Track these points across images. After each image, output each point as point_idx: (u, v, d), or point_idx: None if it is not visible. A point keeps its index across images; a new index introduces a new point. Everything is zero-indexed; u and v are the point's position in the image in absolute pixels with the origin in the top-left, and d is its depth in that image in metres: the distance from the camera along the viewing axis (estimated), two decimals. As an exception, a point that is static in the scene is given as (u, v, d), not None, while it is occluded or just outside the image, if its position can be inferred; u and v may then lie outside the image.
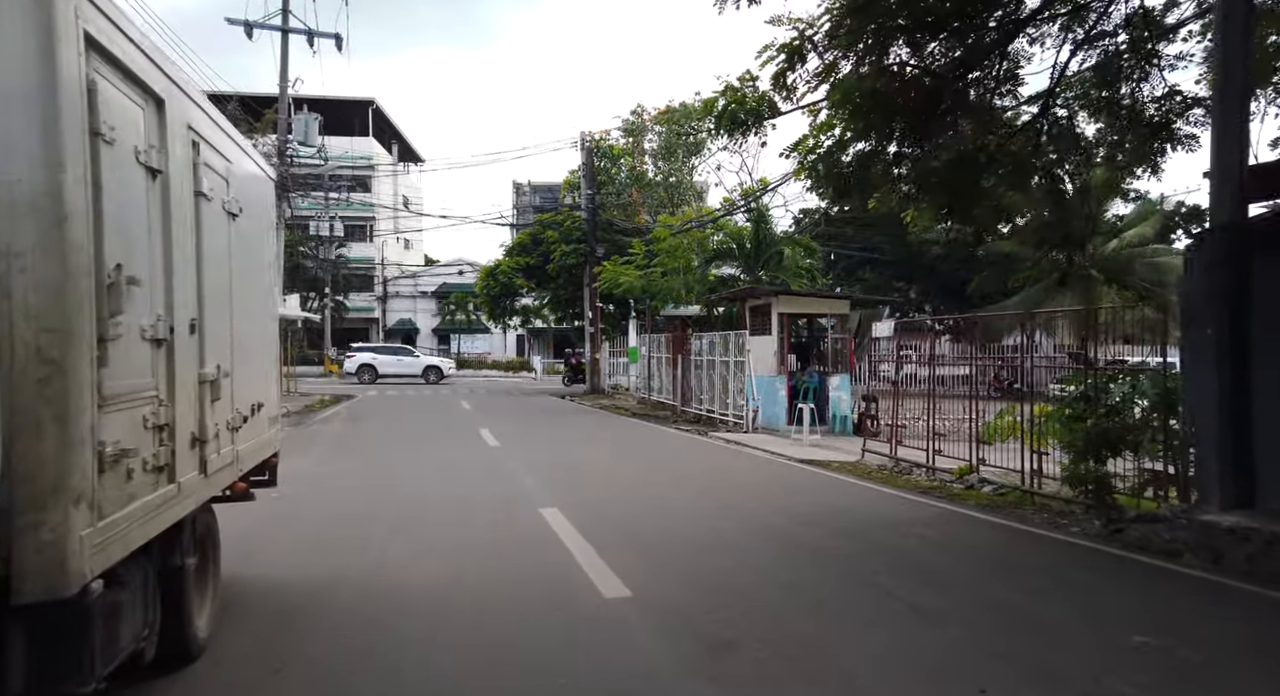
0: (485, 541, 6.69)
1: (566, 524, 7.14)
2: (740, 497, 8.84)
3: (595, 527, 6.99)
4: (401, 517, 7.59)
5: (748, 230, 21.10)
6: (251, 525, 6.54)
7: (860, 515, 7.89)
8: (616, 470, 11.11)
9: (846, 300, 17.07)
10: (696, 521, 7.52)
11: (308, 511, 7.81)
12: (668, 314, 22.77)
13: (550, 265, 31.12)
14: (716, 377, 18.57)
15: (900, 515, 7.91)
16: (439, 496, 8.67)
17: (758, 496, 8.96)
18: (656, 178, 28.86)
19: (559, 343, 57.46)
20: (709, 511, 8.07)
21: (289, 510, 7.56)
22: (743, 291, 17.83)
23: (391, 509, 8.03)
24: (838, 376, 17.11)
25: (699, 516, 7.77)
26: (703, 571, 5.76)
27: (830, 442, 14.59)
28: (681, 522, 7.43)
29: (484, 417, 19.37)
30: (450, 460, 11.66)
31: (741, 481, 10.18)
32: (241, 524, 5.95)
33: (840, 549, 6.53)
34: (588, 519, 7.35)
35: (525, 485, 9.44)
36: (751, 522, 7.43)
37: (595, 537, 6.59)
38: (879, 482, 10.02)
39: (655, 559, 6.09)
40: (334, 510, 7.95)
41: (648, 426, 18.36)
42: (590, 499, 8.51)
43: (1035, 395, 9.87)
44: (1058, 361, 13.12)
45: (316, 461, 11.21)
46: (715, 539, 6.81)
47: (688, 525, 7.35)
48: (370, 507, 8.08)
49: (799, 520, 7.54)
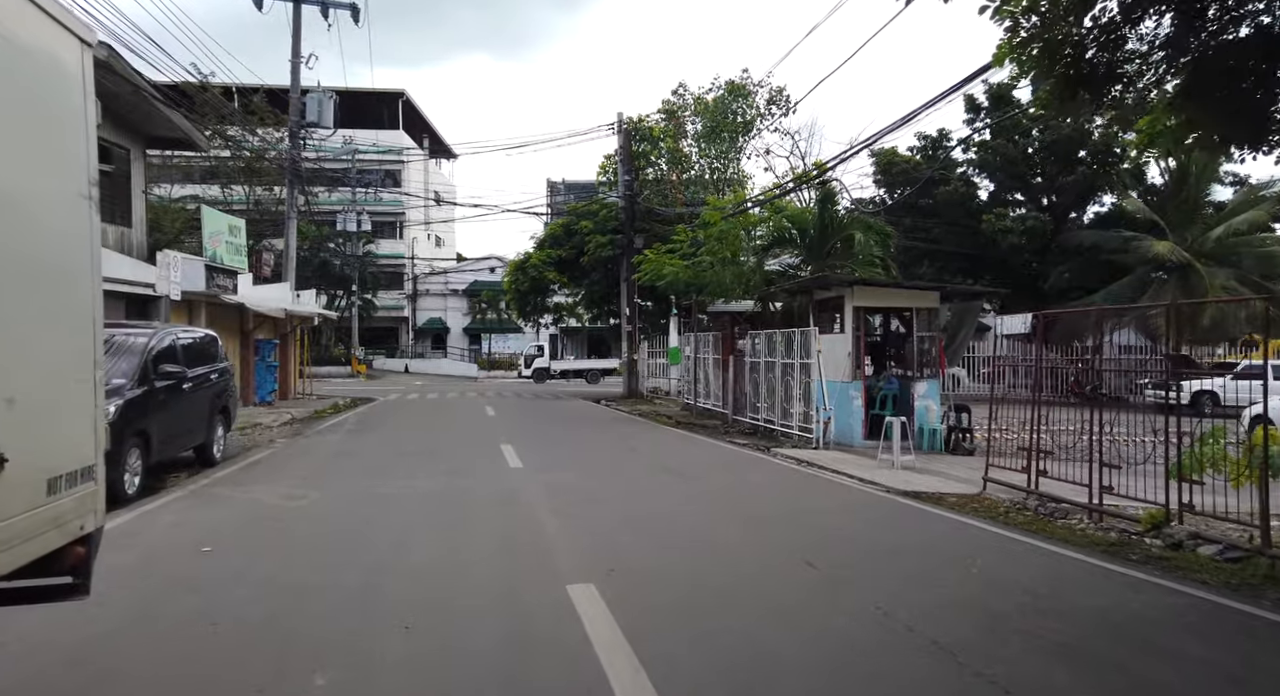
0: (472, 661, 4.15)
1: (606, 617, 4.59)
2: (854, 559, 6.20)
3: (650, 625, 4.45)
4: (345, 611, 4.78)
5: (810, 213, 18.39)
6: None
7: (1059, 602, 5.20)
8: (669, 508, 8.53)
9: (936, 291, 14.28)
10: (805, 614, 4.91)
11: (186, 610, 5.33)
12: (716, 310, 20.14)
13: (584, 258, 28.68)
14: (777, 383, 15.90)
15: (1118, 603, 5.18)
16: (419, 562, 5.95)
17: (871, 552, 6.33)
18: (701, 160, 26.18)
19: (593, 342, 55.07)
20: (817, 590, 5.45)
21: (136, 617, 5.08)
22: (810, 281, 15.14)
23: (338, 595, 5.07)
24: (924, 382, 14.36)
25: (807, 603, 5.15)
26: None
27: (925, 464, 11.87)
28: (782, 618, 4.83)
29: (508, 427, 16.93)
30: (456, 491, 9.19)
31: (840, 528, 7.53)
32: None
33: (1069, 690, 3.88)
34: (637, 607, 4.80)
35: (548, 536, 6.91)
36: (895, 619, 4.79)
37: (652, 649, 4.04)
38: (1029, 531, 7.30)
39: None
40: (240, 608, 4.80)
41: (697, 440, 15.75)
42: (638, 563, 5.94)
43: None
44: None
45: (282, 493, 8.81)
46: (848, 653, 4.21)
47: (792, 622, 4.75)
48: (306, 594, 5.10)
49: (962, 609, 4.89)
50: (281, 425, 16.90)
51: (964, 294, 14.63)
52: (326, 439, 14.71)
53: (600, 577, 5.40)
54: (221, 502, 8.34)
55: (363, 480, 9.90)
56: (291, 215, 24.14)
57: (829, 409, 13.87)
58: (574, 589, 5.14)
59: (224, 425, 11.76)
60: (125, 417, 8.45)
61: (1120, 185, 28.28)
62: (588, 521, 7.48)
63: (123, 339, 9.38)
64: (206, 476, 10.09)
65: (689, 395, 22.29)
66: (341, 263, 48.75)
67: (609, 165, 29.77)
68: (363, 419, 19.31)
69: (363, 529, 7.03)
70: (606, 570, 5.60)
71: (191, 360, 10.66)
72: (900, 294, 14.52)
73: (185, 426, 10.27)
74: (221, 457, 11.45)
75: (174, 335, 10.32)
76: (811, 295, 15.42)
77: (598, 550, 6.31)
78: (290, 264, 24.26)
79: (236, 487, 9.23)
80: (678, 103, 28.33)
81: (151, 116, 17.36)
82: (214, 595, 5.10)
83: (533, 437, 15.23)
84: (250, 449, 12.94)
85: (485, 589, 5.27)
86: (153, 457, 9.17)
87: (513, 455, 12.30)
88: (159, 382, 9.36)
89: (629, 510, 8.09)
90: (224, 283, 18.29)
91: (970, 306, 14.61)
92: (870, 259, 16.79)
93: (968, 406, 14.74)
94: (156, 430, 9.19)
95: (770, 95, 27.37)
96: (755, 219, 18.73)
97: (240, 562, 5.87)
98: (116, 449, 8.19)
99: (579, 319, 37.84)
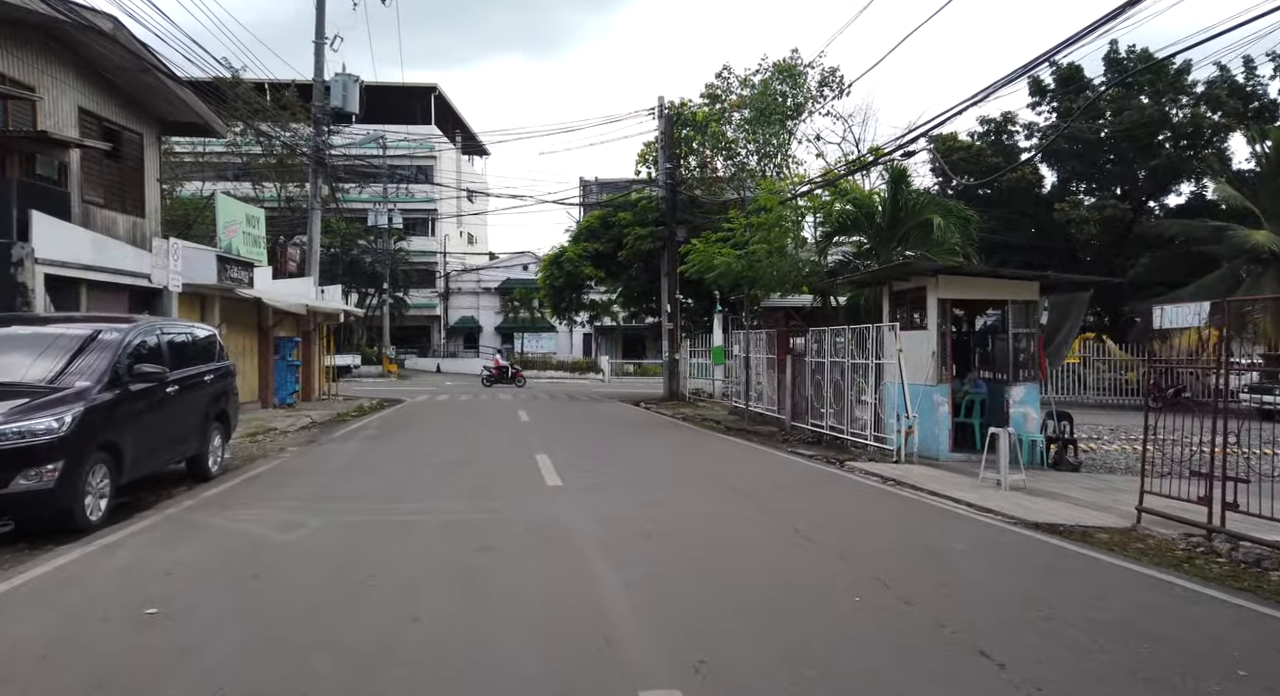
0: None
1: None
2: (1037, 645, 4.42)
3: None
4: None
5: (878, 196, 16.49)
6: None
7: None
8: (753, 548, 6.79)
9: (1036, 281, 12.35)
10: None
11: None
12: (770, 305, 18.33)
13: (623, 251, 27.04)
14: (845, 386, 14.09)
15: None
16: (431, 644, 4.30)
17: (1057, 635, 4.54)
18: (749, 144, 24.34)
19: (629, 341, 53.47)
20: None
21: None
22: (888, 270, 13.29)
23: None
24: (1020, 386, 12.44)
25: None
26: None
27: (1035, 483, 10.00)
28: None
29: (543, 434, 15.33)
30: (484, 521, 7.55)
31: (986, 585, 5.73)
32: None
33: None
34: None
35: (604, 595, 5.22)
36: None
37: None
38: (1250, 593, 5.45)
39: None
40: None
41: (756, 450, 13.99)
42: (736, 649, 4.21)
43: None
44: None
45: (275, 521, 7.25)
46: None
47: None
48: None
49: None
50: (298, 430, 15.48)
51: (1069, 284, 12.66)
52: (343, 447, 13.22)
53: (685, 677, 3.72)
54: (198, 534, 6.80)
55: (374, 503, 8.32)
56: (315, 205, 22.79)
57: (912, 416, 12.03)
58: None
59: (222, 433, 10.28)
60: (87, 427, 6.95)
61: (1210, 170, 25.84)
62: (654, 570, 5.77)
63: (90, 333, 7.92)
64: (194, 495, 8.59)
65: (737, 398, 20.51)
66: (372, 260, 47.68)
67: (648, 153, 28.09)
68: (387, 423, 17.85)
69: (364, 581, 5.41)
70: (692, 664, 3.90)
71: (181, 358, 9.18)
72: (993, 284, 12.62)
73: (171, 436, 8.78)
74: (219, 470, 9.98)
75: (157, 330, 8.84)
76: (888, 286, 13.57)
77: (674, 623, 4.61)
78: (314, 257, 22.92)
79: (223, 512, 7.71)
80: (722, 87, 26.52)
81: (166, 98, 16.08)
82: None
83: (571, 447, 13.60)
84: (255, 459, 11.47)
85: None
86: (124, 476, 7.67)
87: (549, 469, 10.67)
88: (135, 385, 7.87)
89: (704, 554, 6.34)
90: (238, 275, 16.93)
91: (1076, 298, 12.64)
92: (950, 247, 14.87)
93: (1069, 414, 12.81)
94: (130, 442, 7.69)
95: (822, 76, 25.45)
96: (817, 203, 16.87)
97: (189, 638, 4.28)
98: (72, 468, 6.70)
99: (613, 317, 36.20)
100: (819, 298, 16.65)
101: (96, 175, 14.64)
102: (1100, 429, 17.05)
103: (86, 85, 14.40)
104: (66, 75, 13.83)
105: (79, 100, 14.13)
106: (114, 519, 7.27)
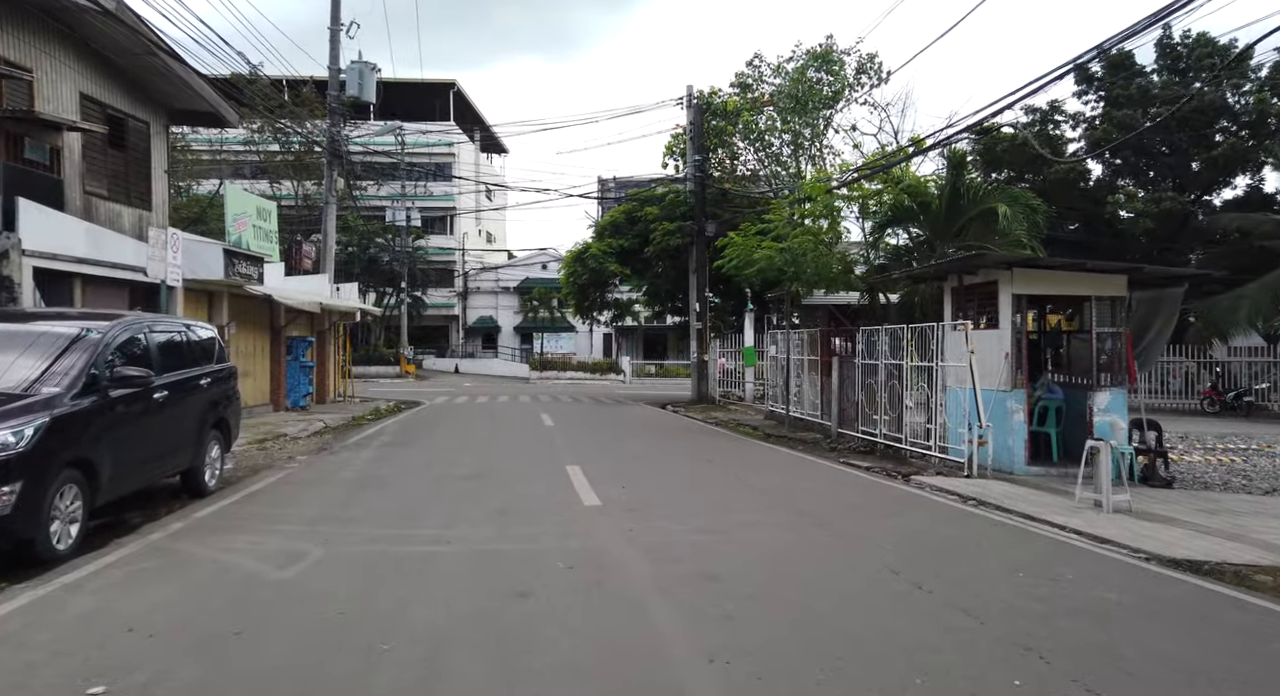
0: None
1: None
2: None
3: None
4: None
5: (936, 183, 15.22)
6: None
7: None
8: (845, 602, 5.60)
9: (1123, 275, 11.07)
10: None
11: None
12: (812, 303, 17.11)
13: (649, 248, 25.90)
14: (904, 390, 12.85)
15: None
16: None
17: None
18: (784, 134, 23.11)
19: (650, 342, 52.33)
20: None
21: None
22: (953, 264, 12.05)
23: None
24: (1105, 392, 11.14)
25: None
26: None
27: (1138, 503, 8.74)
28: None
29: (572, 442, 14.21)
30: (514, 553, 6.42)
31: (1192, 669, 4.54)
32: None
33: None
34: None
35: (677, 671, 4.08)
36: None
37: None
38: None
39: None
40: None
41: (804, 461, 12.79)
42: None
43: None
44: None
45: (271, 551, 6.14)
46: None
47: None
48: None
49: None
50: (309, 436, 14.47)
51: (1161, 278, 11.36)
52: (356, 456, 12.16)
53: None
54: (179, 570, 5.72)
55: (387, 527, 7.21)
56: (331, 199, 21.81)
57: (986, 425, 10.79)
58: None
59: (221, 443, 9.23)
60: (53, 441, 5.90)
61: (1274, 159, 24.30)
62: (737, 635, 4.53)
63: (66, 331, 6.88)
64: (184, 516, 7.53)
65: (775, 401, 19.29)
66: (390, 259, 46.82)
67: (675, 145, 26.93)
68: (404, 427, 16.80)
69: (371, 646, 4.28)
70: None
71: (174, 360, 8.14)
72: (1073, 279, 11.33)
73: (159, 448, 7.72)
74: (217, 484, 8.95)
75: (144, 328, 7.79)
76: (950, 281, 12.32)
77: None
78: (329, 253, 21.95)
79: (213, 538, 6.63)
80: (753, 76, 25.29)
81: (174, 84, 15.12)
82: None
83: (603, 456, 12.47)
84: (260, 470, 10.43)
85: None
86: (101, 496, 6.62)
87: (584, 484, 9.53)
88: (115, 390, 6.82)
89: (794, 610, 5.07)
90: (247, 271, 15.95)
91: (1167, 294, 11.34)
92: (1015, 239, 13.59)
93: (1157, 422, 11.52)
94: (108, 457, 6.63)
95: (860, 63, 24.15)
96: (866, 192, 15.61)
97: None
98: (33, 490, 5.65)
99: (635, 317, 35.06)
100: (866, 294, 15.40)
101: (100, 165, 13.69)
102: (1169, 437, 15.70)
103: (89, 69, 13.45)
104: (67, 57, 12.87)
105: (81, 85, 13.18)
106: (87, 546, 6.23)
